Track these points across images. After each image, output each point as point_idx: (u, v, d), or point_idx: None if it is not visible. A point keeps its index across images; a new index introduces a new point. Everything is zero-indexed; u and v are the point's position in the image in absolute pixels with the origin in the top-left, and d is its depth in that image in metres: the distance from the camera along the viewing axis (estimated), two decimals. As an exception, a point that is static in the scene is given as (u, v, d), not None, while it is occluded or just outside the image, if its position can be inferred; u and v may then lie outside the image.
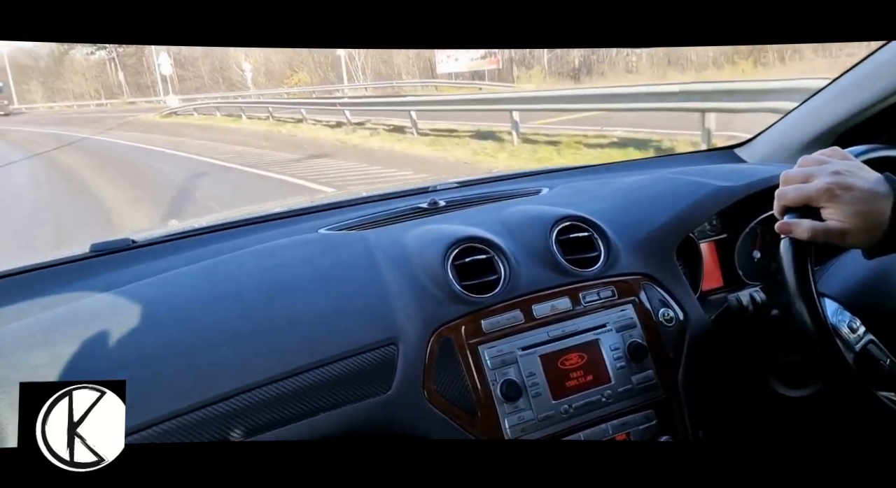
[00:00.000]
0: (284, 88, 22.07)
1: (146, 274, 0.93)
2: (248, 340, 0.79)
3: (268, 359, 0.77)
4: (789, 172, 0.69)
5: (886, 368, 0.80)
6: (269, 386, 0.75)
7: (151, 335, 0.79)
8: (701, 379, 0.92)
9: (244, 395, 0.74)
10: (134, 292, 0.88)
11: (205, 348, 0.78)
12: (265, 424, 0.74)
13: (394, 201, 1.22)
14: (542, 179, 1.33)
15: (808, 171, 0.68)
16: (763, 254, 1.10)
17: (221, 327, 0.81)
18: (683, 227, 1.02)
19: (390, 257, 0.92)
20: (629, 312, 0.91)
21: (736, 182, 1.06)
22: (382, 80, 18.62)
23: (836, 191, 0.64)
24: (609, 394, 0.87)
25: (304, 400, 0.76)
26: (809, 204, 0.66)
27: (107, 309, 0.85)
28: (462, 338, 0.83)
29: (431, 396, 0.80)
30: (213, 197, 6.39)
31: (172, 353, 0.77)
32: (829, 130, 1.21)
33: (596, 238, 0.97)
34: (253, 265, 0.94)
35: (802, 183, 0.67)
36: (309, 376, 0.77)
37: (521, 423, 0.82)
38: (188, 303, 0.86)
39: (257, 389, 0.74)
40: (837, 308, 0.84)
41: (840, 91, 1.20)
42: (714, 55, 11.87)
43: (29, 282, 0.96)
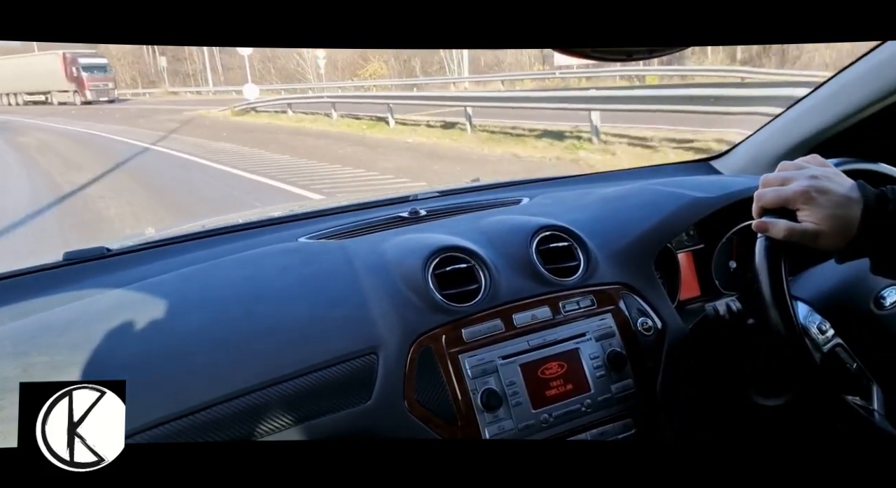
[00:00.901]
0: (354, 81, 19.44)
1: (121, 282, 0.91)
2: (226, 350, 0.78)
3: (245, 369, 0.76)
4: (769, 176, 0.72)
5: (853, 372, 0.82)
6: (246, 397, 0.74)
7: (125, 344, 0.78)
8: (679, 388, 0.93)
9: (220, 406, 0.73)
10: (107, 300, 0.86)
11: (181, 358, 0.77)
12: (242, 435, 0.73)
13: (374, 210, 1.21)
14: (523, 189, 1.34)
15: (787, 175, 0.71)
16: (739, 264, 1.12)
17: (198, 336, 0.79)
18: (661, 238, 1.03)
19: (370, 266, 0.91)
20: (608, 321, 0.92)
21: (712, 193, 1.08)
22: (488, 71, 16.06)
23: (812, 194, 0.67)
24: (589, 403, 0.87)
25: (283, 410, 0.75)
26: (786, 205, 0.69)
27: (79, 317, 0.84)
28: (442, 347, 0.83)
29: (412, 406, 0.80)
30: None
31: (148, 363, 0.75)
32: (802, 143, 1.24)
33: (576, 247, 0.97)
34: (231, 274, 0.93)
35: (781, 185, 0.70)
36: (288, 386, 0.76)
37: (501, 433, 0.82)
38: (164, 312, 0.84)
39: (235, 400, 0.73)
40: (809, 310, 0.85)
41: (813, 105, 1.23)
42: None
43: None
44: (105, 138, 11.75)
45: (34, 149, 10.54)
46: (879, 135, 1.17)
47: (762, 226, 0.71)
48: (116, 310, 0.84)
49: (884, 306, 0.84)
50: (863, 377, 0.82)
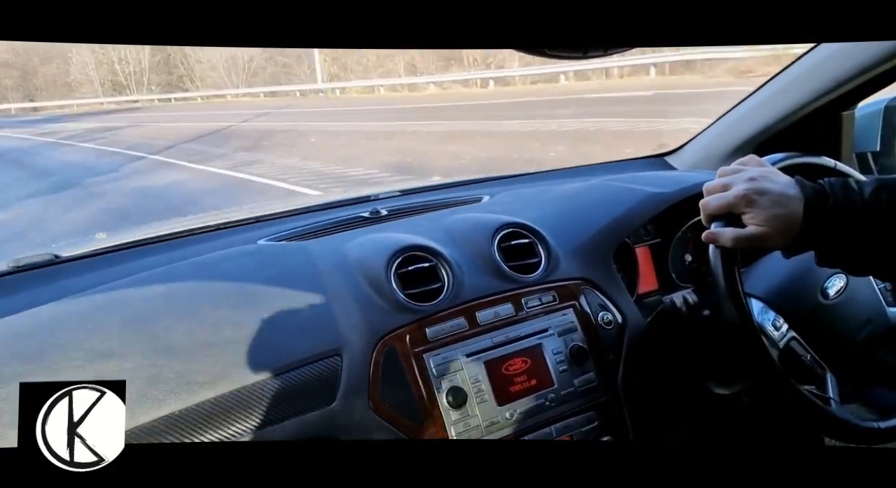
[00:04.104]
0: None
1: (71, 290, 0.88)
2: (185, 356, 0.76)
3: (207, 374, 0.74)
4: (710, 183, 0.73)
5: (807, 363, 0.85)
6: (208, 403, 0.72)
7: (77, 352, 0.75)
8: (640, 380, 0.95)
9: (180, 414, 0.71)
10: (56, 310, 0.83)
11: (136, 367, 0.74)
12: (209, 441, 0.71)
13: (335, 210, 1.20)
14: (483, 187, 1.35)
15: (726, 181, 0.71)
16: (694, 257, 1.15)
17: (156, 343, 0.77)
18: (620, 232, 1.05)
19: (332, 267, 0.91)
20: (570, 316, 0.93)
21: (667, 188, 1.11)
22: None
23: (752, 197, 0.68)
24: (552, 398, 0.88)
25: (247, 415, 0.74)
26: (731, 211, 0.70)
27: (28, 327, 0.80)
28: (407, 347, 0.83)
29: (377, 406, 0.79)
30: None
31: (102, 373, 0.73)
32: (752, 138, 1.29)
33: (536, 244, 0.98)
34: (189, 278, 0.91)
35: (722, 192, 0.71)
36: (251, 390, 0.75)
37: (466, 430, 0.82)
38: (119, 320, 0.82)
39: (195, 406, 0.72)
40: (762, 307, 0.88)
41: (762, 101, 1.28)
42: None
43: None
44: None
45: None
46: (822, 130, 1.22)
47: (711, 237, 0.72)
48: (67, 318, 0.81)
49: (829, 296, 0.87)
50: (817, 366, 0.85)
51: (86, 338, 0.77)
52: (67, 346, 0.75)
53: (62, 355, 0.74)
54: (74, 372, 0.72)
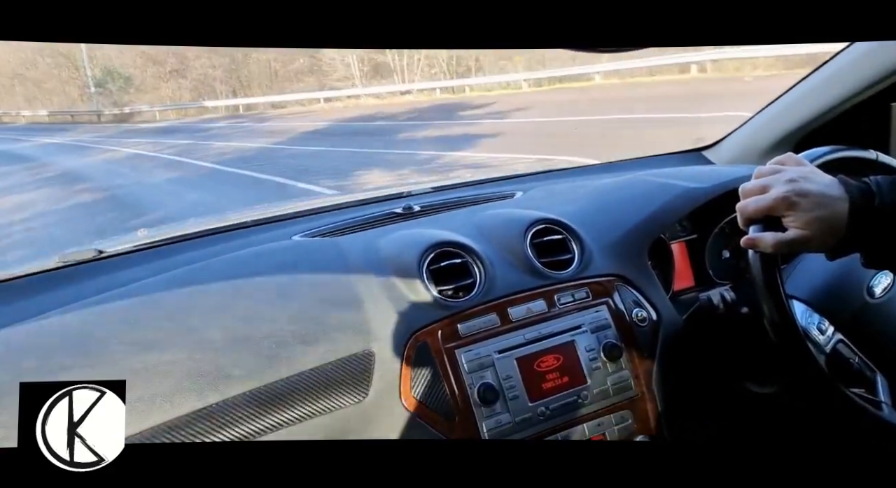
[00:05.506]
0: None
1: (113, 284, 0.91)
2: (221, 351, 0.78)
3: (242, 370, 0.76)
4: (746, 185, 0.69)
5: (855, 366, 0.82)
6: (243, 397, 0.74)
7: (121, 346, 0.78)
8: (674, 378, 0.93)
9: (215, 407, 0.73)
10: (101, 303, 0.86)
11: (176, 360, 0.76)
12: (239, 436, 0.73)
13: (368, 207, 1.21)
14: (517, 183, 1.34)
15: (764, 182, 0.68)
16: (732, 254, 1.12)
17: (193, 337, 0.79)
18: (655, 228, 1.03)
19: (365, 262, 0.91)
20: (603, 313, 0.92)
21: (704, 183, 1.08)
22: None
23: (793, 199, 0.64)
24: (585, 395, 0.87)
25: (280, 410, 0.75)
26: (770, 214, 0.67)
27: (75, 320, 0.83)
28: (439, 343, 0.83)
29: (408, 402, 0.80)
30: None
31: (145, 364, 0.75)
32: (793, 132, 1.25)
33: (570, 240, 0.97)
34: (225, 274, 0.93)
35: (760, 194, 0.67)
36: (285, 385, 0.76)
37: (498, 427, 0.82)
38: (159, 315, 0.84)
39: (231, 400, 0.73)
40: (805, 309, 0.86)
41: (803, 93, 1.24)
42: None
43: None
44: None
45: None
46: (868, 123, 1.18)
47: (750, 242, 0.69)
48: (111, 312, 0.84)
49: (875, 294, 0.84)
50: (866, 369, 0.82)
51: (128, 331, 0.80)
52: (110, 339, 0.78)
53: (105, 348, 0.77)
54: (118, 365, 0.75)
